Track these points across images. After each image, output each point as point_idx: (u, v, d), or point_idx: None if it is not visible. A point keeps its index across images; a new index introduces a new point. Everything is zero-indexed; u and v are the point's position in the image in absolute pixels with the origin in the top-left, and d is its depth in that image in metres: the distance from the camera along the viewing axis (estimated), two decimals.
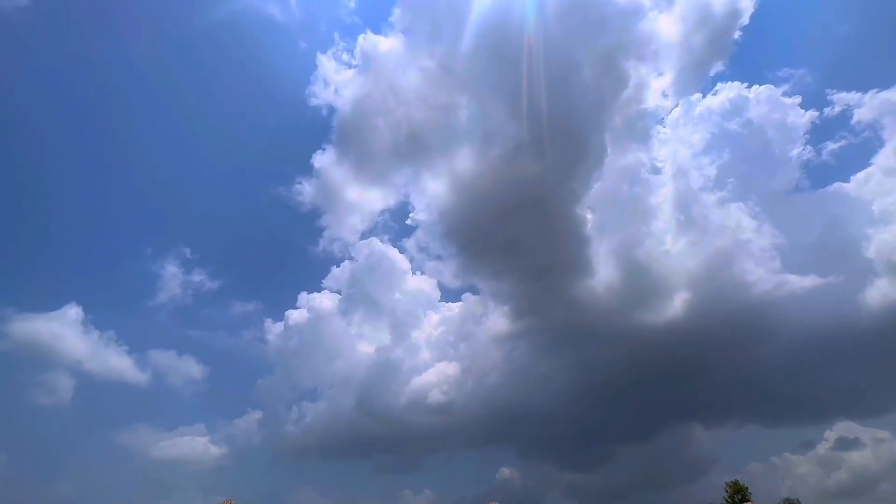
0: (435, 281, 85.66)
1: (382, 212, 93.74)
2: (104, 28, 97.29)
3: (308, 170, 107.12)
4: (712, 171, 76.15)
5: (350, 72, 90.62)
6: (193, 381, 79.17)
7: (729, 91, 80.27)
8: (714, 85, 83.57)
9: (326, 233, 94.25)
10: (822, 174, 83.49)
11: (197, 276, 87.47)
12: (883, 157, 72.92)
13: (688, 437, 73.91)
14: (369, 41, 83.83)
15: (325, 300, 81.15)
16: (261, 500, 71.41)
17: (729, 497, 41.74)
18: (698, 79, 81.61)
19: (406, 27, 78.32)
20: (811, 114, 79.40)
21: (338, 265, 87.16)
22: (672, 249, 71.10)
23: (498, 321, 77.90)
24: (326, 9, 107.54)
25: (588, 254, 69.89)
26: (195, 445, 69.88)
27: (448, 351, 78.50)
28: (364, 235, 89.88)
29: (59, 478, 62.91)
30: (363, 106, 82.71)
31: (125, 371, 73.65)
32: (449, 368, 75.52)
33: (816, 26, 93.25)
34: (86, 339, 71.92)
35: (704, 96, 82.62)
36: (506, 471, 71.40)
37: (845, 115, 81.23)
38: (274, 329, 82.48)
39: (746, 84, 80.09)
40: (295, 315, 79.77)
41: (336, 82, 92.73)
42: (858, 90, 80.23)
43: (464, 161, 74.57)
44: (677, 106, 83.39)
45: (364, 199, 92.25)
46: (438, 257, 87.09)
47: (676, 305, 69.27)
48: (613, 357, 71.46)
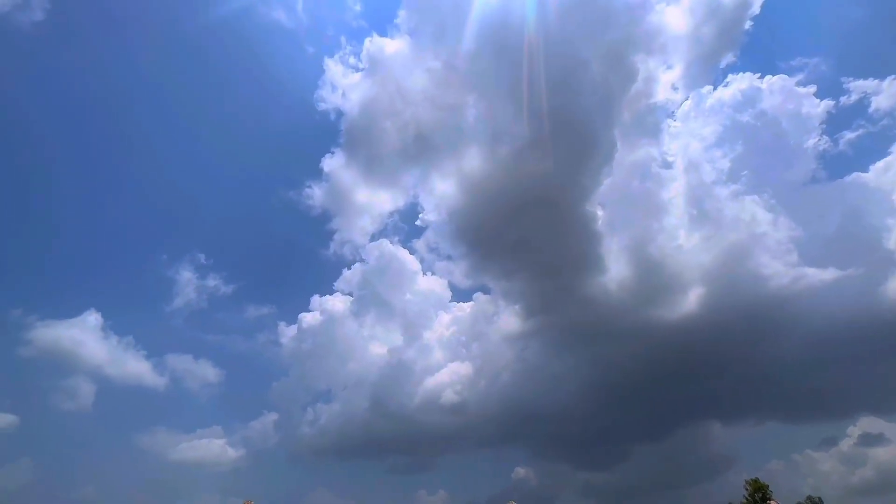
0: (445, 281, 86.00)
1: (392, 213, 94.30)
2: (116, 39, 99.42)
3: (317, 173, 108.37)
4: (725, 164, 75.19)
5: (357, 75, 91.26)
6: (210, 385, 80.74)
7: (741, 82, 79.18)
8: (725, 77, 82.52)
9: (337, 235, 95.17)
10: (840, 164, 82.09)
11: (211, 281, 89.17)
12: None
13: (705, 435, 73.00)
14: (375, 44, 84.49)
15: (338, 302, 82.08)
16: (278, 502, 72.37)
17: (749, 495, 41.02)
18: (709, 71, 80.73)
19: (412, 28, 78.69)
20: (827, 103, 78.11)
21: (349, 267, 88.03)
22: (685, 244, 70.33)
23: (509, 320, 77.87)
24: (333, 13, 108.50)
25: (599, 250, 69.44)
26: (212, 448, 71.20)
27: (460, 351, 78.70)
28: (374, 237, 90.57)
29: (83, 480, 64.58)
30: (371, 109, 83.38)
31: (143, 375, 75.45)
32: (461, 368, 75.76)
33: (830, 13, 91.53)
34: (105, 345, 73.90)
35: (715, 88, 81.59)
36: (521, 470, 71.26)
37: (862, 104, 79.76)
38: (287, 332, 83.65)
39: (759, 75, 78.95)
40: (308, 318, 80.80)
41: (343, 86, 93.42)
42: (876, 77, 78.68)
43: (472, 161, 74.72)
44: (687, 99, 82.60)
45: (373, 201, 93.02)
46: (448, 257, 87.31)
47: (691, 301, 68.48)
48: (628, 355, 70.90)
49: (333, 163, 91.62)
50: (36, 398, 70.87)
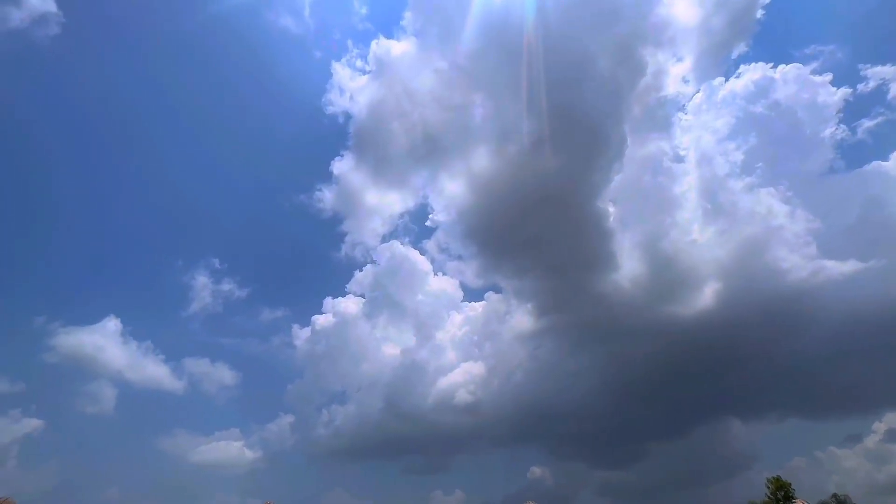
0: (457, 281, 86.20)
1: (402, 214, 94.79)
2: (129, 51, 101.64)
3: (327, 177, 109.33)
4: (739, 157, 73.94)
5: (364, 78, 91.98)
6: (227, 388, 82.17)
7: (753, 73, 77.80)
8: (737, 67, 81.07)
9: (348, 238, 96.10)
10: (858, 153, 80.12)
11: (226, 286, 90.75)
12: None
13: (724, 433, 71.67)
14: (382, 46, 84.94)
15: (350, 304, 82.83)
16: (296, 502, 73.16)
17: (771, 494, 40.00)
18: (720, 62, 79.44)
19: (418, 30, 78.97)
20: (843, 91, 76.27)
21: (360, 269, 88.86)
22: (699, 239, 69.33)
23: (522, 319, 77.58)
24: (339, 17, 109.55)
25: (612, 247, 68.76)
26: (231, 450, 72.32)
27: (473, 350, 78.69)
28: (385, 239, 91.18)
29: (107, 482, 66.09)
30: (378, 111, 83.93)
31: (162, 379, 77.08)
32: (474, 368, 75.73)
33: None
34: (125, 350, 75.61)
35: (727, 80, 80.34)
36: (536, 470, 70.90)
37: (881, 91, 77.79)
38: (301, 334, 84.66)
39: (772, 64, 77.49)
40: (321, 320, 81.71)
41: (351, 89, 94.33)
42: (894, 63, 76.58)
43: (481, 160, 74.65)
44: (699, 91, 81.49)
45: (383, 203, 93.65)
46: (459, 257, 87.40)
47: (707, 297, 67.46)
48: (643, 352, 70.09)
49: (343, 165, 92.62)
50: (60, 403, 73.10)
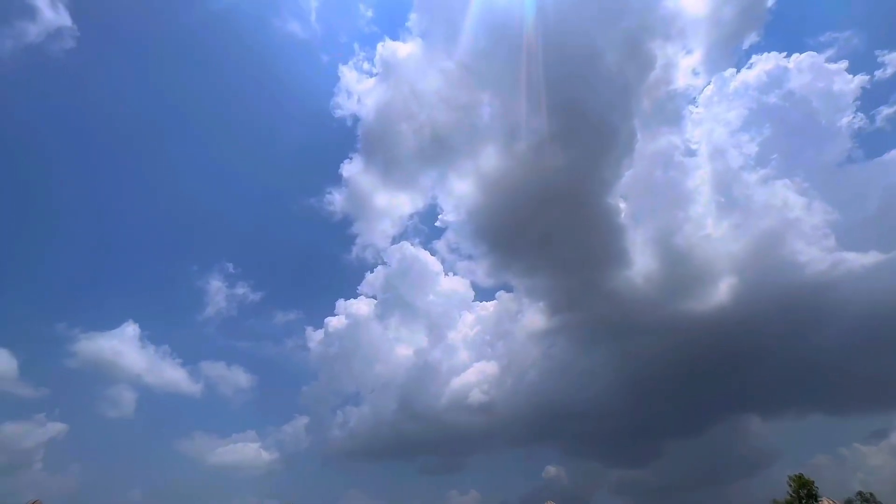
0: (468, 281, 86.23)
1: (412, 215, 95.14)
2: (141, 63, 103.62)
3: (337, 180, 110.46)
4: (753, 149, 72.72)
5: (371, 80, 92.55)
6: (243, 390, 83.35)
7: (766, 63, 76.50)
8: (749, 58, 79.81)
9: (359, 240, 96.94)
10: (877, 142, 78.26)
11: (240, 290, 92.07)
12: None
13: (744, 430, 70.40)
14: (388, 48, 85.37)
15: (362, 306, 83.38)
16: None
17: (793, 492, 39.13)
18: (731, 53, 78.20)
19: (423, 30, 79.15)
20: (860, 78, 74.44)
21: (371, 271, 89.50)
22: (714, 233, 68.34)
23: (534, 318, 77.20)
24: (345, 20, 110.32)
25: (623, 244, 68.06)
26: (248, 451, 73.31)
27: (485, 350, 78.57)
28: (395, 240, 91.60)
29: (129, 484, 67.47)
30: (386, 113, 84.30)
31: (180, 383, 78.42)
32: (487, 368, 75.60)
33: None
34: (143, 354, 77.07)
35: (739, 71, 79.11)
36: (552, 469, 70.46)
37: None
38: (315, 336, 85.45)
39: (785, 54, 76.15)
40: (334, 322, 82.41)
41: (358, 92, 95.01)
42: None
43: (489, 159, 74.52)
44: (710, 83, 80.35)
45: (393, 204, 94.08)
46: (470, 257, 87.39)
47: (722, 292, 66.35)
48: (658, 349, 69.09)
49: (352, 168, 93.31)
50: (83, 407, 74.82)
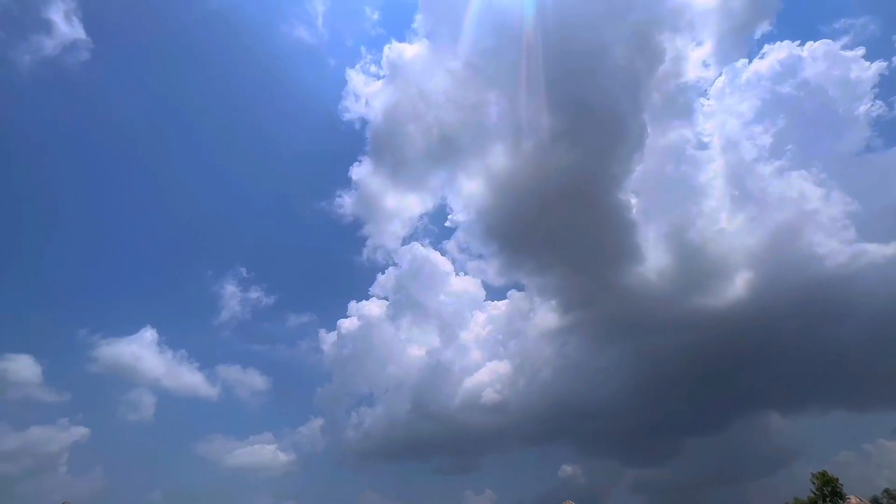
0: (479, 280, 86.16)
1: (421, 216, 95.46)
2: (154, 73, 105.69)
3: (347, 183, 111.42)
4: (767, 140, 71.38)
5: (379, 83, 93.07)
6: (259, 393, 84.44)
7: (779, 52, 75.01)
8: (761, 48, 78.42)
9: (369, 242, 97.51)
10: None
11: (254, 294, 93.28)
12: None
13: (764, 427, 69.17)
14: (395, 50, 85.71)
15: (374, 307, 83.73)
16: None
17: (817, 490, 38.21)
18: (742, 43, 76.83)
19: (429, 31, 79.35)
20: (878, 65, 72.24)
21: (383, 272, 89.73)
22: (728, 227, 67.10)
23: (546, 316, 76.72)
24: (351, 24, 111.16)
25: (636, 239, 67.16)
26: (265, 453, 74.21)
27: (498, 349, 78.34)
28: (405, 241, 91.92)
29: (150, 486, 68.83)
30: (394, 114, 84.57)
31: (198, 386, 79.70)
32: (500, 367, 75.33)
33: None
34: (161, 359, 78.47)
35: (751, 61, 77.78)
36: (567, 468, 70.02)
37: None
38: (328, 338, 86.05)
39: (798, 42, 74.48)
40: (346, 324, 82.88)
41: (366, 94, 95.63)
42: None
43: (498, 158, 74.25)
44: (721, 75, 79.18)
45: (402, 206, 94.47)
46: (480, 256, 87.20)
47: (738, 287, 65.05)
48: (674, 345, 68.16)
49: (361, 171, 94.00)
50: (104, 411, 76.57)
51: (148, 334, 77.71)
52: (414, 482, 78.05)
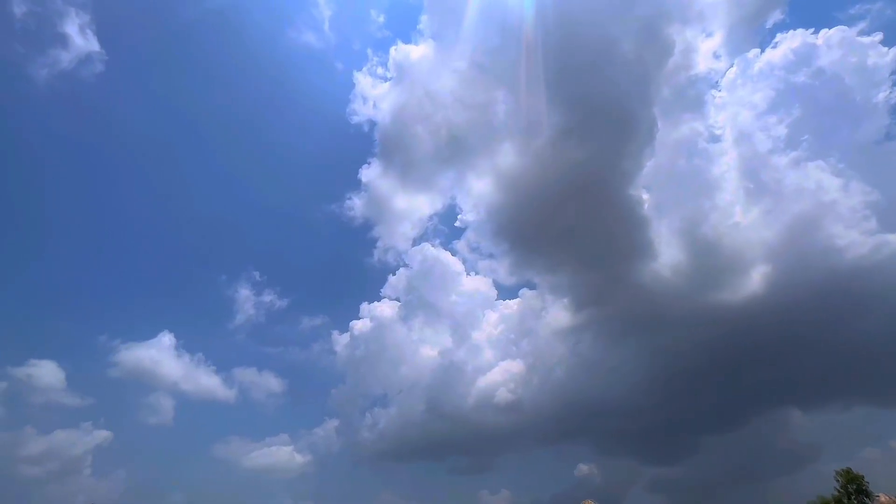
0: (490, 280, 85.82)
1: (431, 217, 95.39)
2: (167, 83, 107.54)
3: (356, 185, 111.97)
4: (781, 131, 69.80)
5: (386, 85, 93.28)
6: (274, 395, 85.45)
7: (791, 41, 73.19)
8: (773, 37, 76.70)
9: (380, 243, 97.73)
10: None
11: (267, 297, 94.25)
12: None
13: (784, 424, 67.82)
14: (401, 52, 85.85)
15: (386, 308, 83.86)
16: None
17: (841, 488, 37.32)
18: (753, 33, 75.38)
19: (435, 32, 79.26)
20: None
21: (394, 273, 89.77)
22: (743, 221, 65.76)
23: (558, 314, 76.18)
24: (358, 27, 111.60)
25: (648, 235, 66.22)
26: (281, 454, 75.06)
27: (510, 349, 78.02)
28: (416, 242, 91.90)
29: (171, 488, 70.03)
30: (402, 116, 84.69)
31: (215, 389, 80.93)
32: (513, 366, 75.02)
33: None
34: (179, 363, 79.79)
35: (763, 51, 76.08)
36: (584, 467, 69.54)
37: None
38: (341, 340, 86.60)
39: (812, 30, 72.56)
40: (359, 325, 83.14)
41: (374, 97, 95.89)
42: None
43: (506, 156, 73.91)
44: (732, 66, 77.67)
45: (412, 207, 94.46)
46: (491, 256, 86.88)
47: (755, 281, 63.81)
48: (690, 342, 67.12)
49: (371, 173, 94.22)
50: (125, 414, 78.21)
51: (166, 339, 79.22)
52: (430, 482, 78.40)
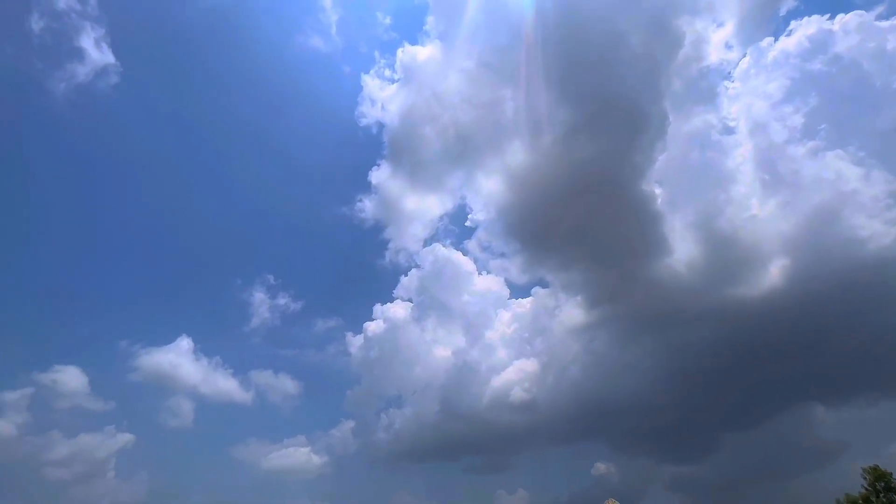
0: (502, 279, 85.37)
1: (441, 217, 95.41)
2: (180, 91, 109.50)
3: (366, 187, 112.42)
4: (798, 121, 68.27)
5: (393, 86, 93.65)
6: (290, 397, 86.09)
7: (807, 28, 71.58)
8: (787, 24, 75.43)
9: (391, 244, 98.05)
10: None
11: (281, 300, 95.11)
12: None
13: (807, 420, 66.08)
14: (408, 53, 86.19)
15: (399, 309, 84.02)
16: None
17: (869, 485, 36.37)
18: (766, 21, 73.86)
19: (441, 32, 79.31)
20: None
21: (405, 274, 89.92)
22: (759, 213, 64.51)
23: (572, 312, 75.53)
24: (364, 30, 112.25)
25: (662, 231, 65.24)
26: (299, 456, 75.41)
27: (524, 348, 77.59)
28: (427, 242, 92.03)
29: (192, 490, 71.09)
30: (410, 117, 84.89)
31: (232, 392, 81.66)
32: (527, 365, 74.59)
33: None
34: (197, 366, 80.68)
35: (777, 39, 74.52)
36: (601, 466, 68.74)
37: None
38: (355, 342, 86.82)
39: (828, 16, 70.92)
40: (372, 326, 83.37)
41: (382, 99, 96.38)
42: None
43: (516, 155, 73.50)
44: (745, 56, 76.32)
45: (422, 207, 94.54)
46: (502, 255, 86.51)
47: (773, 275, 62.40)
48: (707, 338, 65.94)
49: (380, 175, 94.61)
50: (147, 418, 79.25)
51: (184, 343, 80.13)
52: (446, 482, 78.20)
